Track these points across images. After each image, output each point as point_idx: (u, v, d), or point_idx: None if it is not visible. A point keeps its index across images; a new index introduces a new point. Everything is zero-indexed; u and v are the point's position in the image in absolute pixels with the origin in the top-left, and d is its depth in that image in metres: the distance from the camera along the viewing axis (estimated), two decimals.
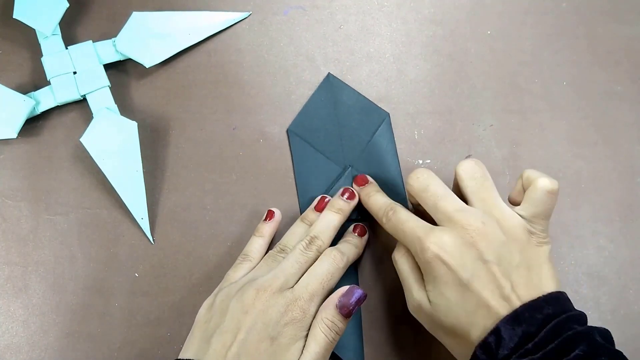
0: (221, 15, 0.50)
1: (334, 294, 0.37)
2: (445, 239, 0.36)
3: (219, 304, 0.37)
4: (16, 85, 0.48)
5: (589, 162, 0.48)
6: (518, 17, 0.51)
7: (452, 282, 0.35)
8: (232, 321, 0.36)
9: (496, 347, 0.33)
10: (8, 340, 0.43)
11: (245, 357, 0.34)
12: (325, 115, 0.48)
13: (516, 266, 0.35)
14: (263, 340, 0.35)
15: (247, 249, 0.43)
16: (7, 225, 0.45)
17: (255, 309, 0.36)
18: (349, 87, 0.48)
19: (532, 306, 0.33)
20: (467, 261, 0.35)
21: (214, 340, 0.35)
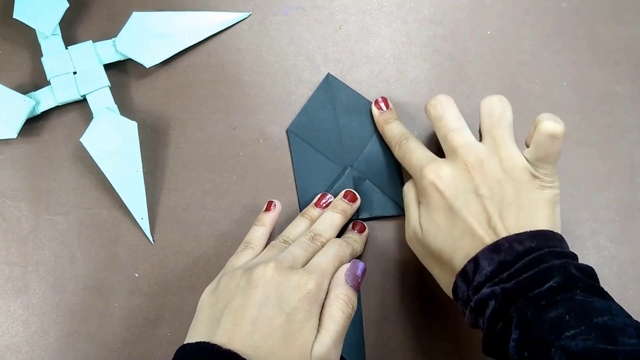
0: (221, 15, 0.50)
1: (339, 271, 0.37)
2: (444, 169, 0.38)
3: (224, 286, 0.36)
4: (16, 85, 0.48)
5: (589, 162, 0.48)
6: (518, 17, 0.51)
7: (443, 208, 0.37)
8: (242, 298, 0.34)
9: (473, 274, 0.34)
10: (8, 340, 0.43)
11: (260, 334, 0.33)
12: (325, 116, 0.48)
13: (508, 203, 0.36)
14: (277, 316, 0.33)
15: (249, 237, 0.42)
16: (7, 225, 0.45)
17: (266, 282, 0.34)
18: (348, 88, 0.48)
19: (515, 239, 0.34)
20: (460, 192, 0.37)
21: (223, 320, 0.33)
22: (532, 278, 0.32)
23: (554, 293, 0.31)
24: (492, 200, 0.36)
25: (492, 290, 0.33)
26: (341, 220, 0.42)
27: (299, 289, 0.34)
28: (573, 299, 0.31)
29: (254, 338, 0.32)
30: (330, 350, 0.34)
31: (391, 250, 0.45)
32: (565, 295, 0.31)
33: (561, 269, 0.32)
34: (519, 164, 0.37)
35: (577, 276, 0.32)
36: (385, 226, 0.46)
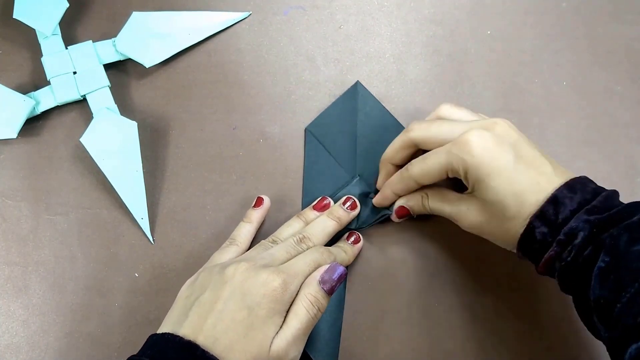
0: (221, 15, 0.50)
1: (315, 272, 0.38)
2: (476, 140, 0.37)
3: (200, 280, 0.37)
4: (16, 85, 0.48)
5: (589, 162, 0.48)
6: (518, 17, 0.51)
7: (497, 170, 0.36)
8: (211, 293, 0.36)
9: (555, 213, 0.34)
10: (8, 340, 0.43)
11: (222, 326, 0.34)
12: (345, 122, 0.47)
13: (542, 155, 0.38)
14: (240, 310, 0.34)
15: (235, 233, 0.43)
16: (7, 225, 0.45)
17: (234, 279, 0.35)
18: (374, 99, 0.48)
19: (580, 181, 0.36)
20: (506, 148, 0.37)
21: (191, 312, 0.35)
22: (621, 211, 0.34)
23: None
24: (534, 150, 0.38)
25: (587, 219, 0.34)
26: (334, 228, 0.42)
27: (264, 286, 0.35)
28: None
29: (216, 330, 0.34)
30: (290, 346, 0.35)
31: (391, 250, 0.45)
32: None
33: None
34: None
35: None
36: (385, 226, 0.46)
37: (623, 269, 0.31)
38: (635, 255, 0.31)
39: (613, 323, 0.31)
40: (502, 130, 0.38)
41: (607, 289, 0.31)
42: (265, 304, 0.35)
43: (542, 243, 0.35)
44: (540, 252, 0.36)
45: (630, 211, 0.33)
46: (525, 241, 0.36)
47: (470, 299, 0.44)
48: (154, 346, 0.34)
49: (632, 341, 0.29)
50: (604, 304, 0.31)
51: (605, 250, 0.32)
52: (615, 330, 0.30)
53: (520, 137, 0.38)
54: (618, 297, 0.30)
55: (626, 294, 0.30)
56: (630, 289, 0.30)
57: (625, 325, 0.30)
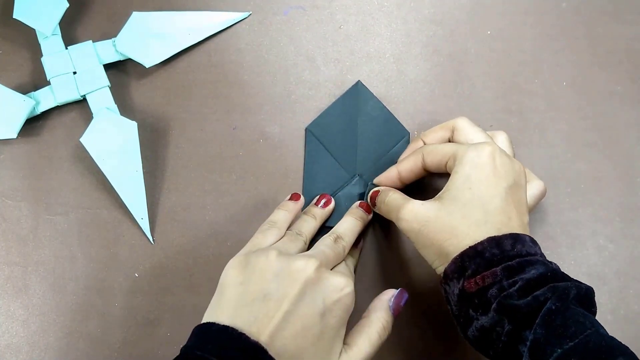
0: (221, 15, 0.50)
1: (383, 295, 0.38)
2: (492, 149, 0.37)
3: (256, 266, 0.34)
4: (16, 85, 0.48)
5: (589, 162, 0.48)
6: (518, 17, 0.51)
7: (488, 182, 0.36)
8: (279, 287, 0.33)
9: (512, 246, 0.34)
10: (8, 340, 0.43)
11: (291, 331, 0.32)
12: (345, 122, 0.47)
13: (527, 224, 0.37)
14: (313, 316, 0.32)
15: (274, 217, 0.41)
16: (7, 225, 0.45)
17: (306, 276, 0.33)
18: (375, 99, 0.48)
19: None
20: (508, 177, 0.36)
21: (256, 308, 0.32)
22: (571, 279, 0.34)
23: (586, 298, 0.33)
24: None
25: (544, 262, 0.33)
26: (360, 228, 0.42)
27: (338, 291, 0.34)
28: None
29: (284, 334, 0.31)
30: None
31: (391, 250, 0.45)
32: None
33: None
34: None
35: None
36: (385, 226, 0.46)
37: (570, 318, 0.30)
38: (580, 312, 0.31)
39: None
40: (518, 168, 0.38)
41: (552, 332, 0.30)
42: (337, 313, 0.33)
43: (488, 263, 0.33)
44: (479, 271, 0.33)
45: (579, 282, 0.33)
46: (470, 255, 0.34)
47: None
48: (216, 341, 0.31)
49: None
50: (543, 345, 0.30)
51: (557, 296, 0.31)
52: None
53: (525, 186, 0.38)
54: (561, 343, 0.29)
55: (570, 342, 0.29)
56: (575, 339, 0.29)
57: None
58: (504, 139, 0.42)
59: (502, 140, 0.41)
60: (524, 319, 0.31)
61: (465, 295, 0.34)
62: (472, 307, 0.33)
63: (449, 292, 0.35)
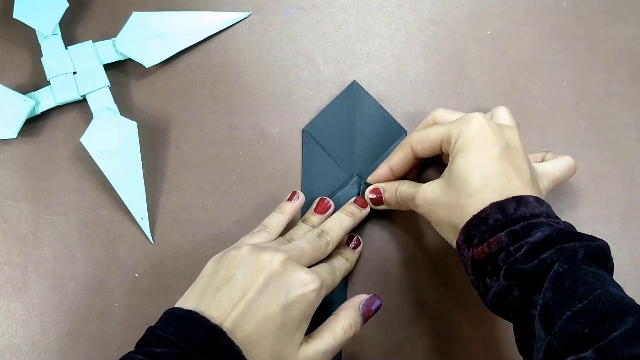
0: (221, 15, 0.50)
1: (355, 298, 0.38)
2: (480, 119, 0.37)
3: (230, 258, 0.35)
4: (16, 85, 0.48)
5: (588, 162, 0.48)
6: (518, 17, 0.51)
7: (480, 149, 0.36)
8: (244, 276, 0.34)
9: (515, 209, 0.34)
10: (8, 340, 0.43)
11: (251, 318, 0.33)
12: (342, 122, 0.47)
13: (530, 171, 0.38)
14: (274, 305, 0.33)
15: (267, 221, 0.41)
16: (7, 225, 0.45)
17: (272, 269, 0.34)
18: (371, 98, 0.48)
19: (549, 206, 0.35)
20: (500, 141, 0.37)
21: (219, 294, 0.33)
22: (582, 234, 0.33)
23: (599, 255, 0.32)
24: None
25: (548, 223, 0.33)
26: (350, 223, 0.42)
27: (303, 286, 0.34)
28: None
29: (245, 320, 0.33)
30: (318, 359, 0.34)
31: (391, 250, 0.45)
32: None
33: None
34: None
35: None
36: (386, 226, 0.46)
37: (579, 280, 0.30)
38: (590, 272, 0.31)
39: (557, 330, 0.29)
40: (509, 133, 0.38)
41: (561, 295, 0.30)
42: (300, 306, 0.34)
43: (493, 229, 0.34)
44: (485, 238, 0.34)
45: (590, 237, 0.33)
46: (474, 224, 0.35)
47: (472, 298, 0.44)
48: (177, 322, 0.32)
49: (572, 352, 0.28)
50: (552, 309, 0.30)
51: (565, 257, 0.31)
52: (558, 338, 0.29)
53: (520, 148, 0.38)
54: (570, 305, 0.29)
55: (579, 303, 0.29)
56: (584, 300, 0.29)
57: (570, 334, 0.29)
58: (504, 112, 0.42)
59: (503, 114, 0.42)
60: (532, 284, 0.31)
61: (476, 264, 0.34)
62: (487, 275, 0.34)
63: (466, 263, 0.36)
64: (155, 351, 0.30)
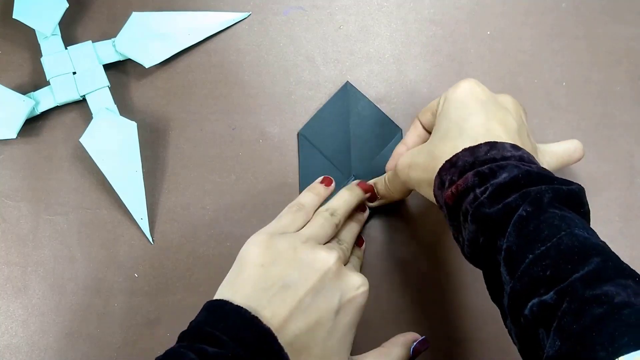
0: (221, 15, 0.50)
1: (408, 335, 0.38)
2: (470, 82, 0.37)
3: (280, 249, 0.34)
4: (16, 85, 0.48)
5: (588, 162, 0.48)
6: (518, 17, 0.51)
7: (464, 105, 0.35)
8: (300, 277, 0.32)
9: (486, 152, 0.32)
10: (8, 340, 0.43)
11: (304, 324, 0.31)
12: (337, 123, 0.47)
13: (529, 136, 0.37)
14: (328, 312, 0.32)
15: (303, 200, 0.39)
16: (7, 225, 0.45)
17: (327, 268, 0.33)
18: (365, 98, 0.48)
19: (530, 155, 0.34)
20: (489, 101, 0.36)
21: (272, 292, 0.32)
22: (553, 177, 0.32)
23: (569, 199, 0.31)
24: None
25: (516, 165, 0.31)
26: (358, 230, 0.42)
27: (354, 290, 0.33)
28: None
29: (297, 324, 0.31)
30: None
31: (391, 250, 0.45)
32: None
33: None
34: None
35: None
36: (386, 226, 0.46)
37: (543, 222, 0.29)
38: (556, 215, 0.29)
39: (520, 274, 0.28)
40: (504, 97, 0.37)
41: (524, 239, 0.29)
42: (350, 310, 0.33)
43: (461, 170, 0.32)
44: (454, 180, 0.33)
45: (562, 181, 0.31)
46: (446, 168, 0.33)
47: (474, 298, 0.44)
48: (227, 319, 0.30)
49: (535, 295, 0.27)
50: (516, 253, 0.29)
51: (530, 201, 0.30)
52: (520, 281, 0.28)
53: (513, 111, 0.36)
54: (532, 248, 0.28)
55: (542, 246, 0.28)
56: (546, 242, 0.28)
57: (533, 277, 0.28)
58: (571, 144, 0.41)
59: (567, 144, 0.41)
60: (497, 228, 0.30)
61: (449, 210, 0.33)
62: (462, 222, 0.33)
63: (445, 216, 0.34)
64: (206, 349, 0.29)
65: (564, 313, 0.26)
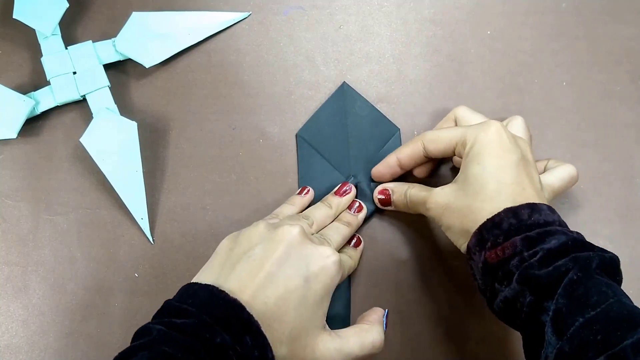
0: (221, 15, 0.50)
1: (377, 311, 0.39)
2: (498, 126, 0.38)
3: (246, 234, 0.35)
4: (16, 85, 0.48)
5: (588, 163, 0.48)
6: (518, 17, 0.51)
7: (497, 156, 0.36)
8: (263, 250, 0.33)
9: (529, 216, 0.34)
10: (8, 340, 0.43)
11: (272, 291, 0.32)
12: (335, 124, 0.47)
13: (542, 188, 0.38)
14: (296, 277, 0.33)
15: (279, 210, 0.42)
16: (7, 225, 0.45)
17: (291, 241, 0.34)
18: (362, 98, 0.48)
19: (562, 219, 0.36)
20: (517, 150, 0.37)
21: (238, 267, 0.33)
22: (595, 246, 0.33)
23: (611, 267, 0.33)
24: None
25: (562, 231, 0.33)
26: (348, 232, 0.42)
27: (323, 258, 0.34)
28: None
29: (266, 293, 0.32)
30: (333, 359, 0.34)
31: (391, 250, 0.45)
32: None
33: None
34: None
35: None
36: (385, 226, 0.46)
37: (592, 288, 0.31)
38: (603, 282, 0.31)
39: (569, 336, 0.29)
40: (523, 144, 0.38)
41: (574, 302, 0.30)
42: (321, 279, 0.33)
43: (507, 233, 0.34)
44: (499, 242, 0.34)
45: (604, 250, 0.33)
46: (487, 228, 0.35)
47: (474, 298, 0.44)
48: (197, 297, 0.31)
49: (584, 359, 0.28)
50: (565, 315, 0.30)
51: (579, 266, 0.31)
52: (570, 343, 0.29)
53: (532, 160, 0.38)
54: (583, 312, 0.30)
55: (592, 311, 0.30)
56: (597, 307, 0.30)
57: (583, 341, 0.29)
58: (520, 122, 0.42)
59: (518, 124, 0.42)
60: (546, 290, 0.32)
61: (488, 268, 0.34)
62: (497, 280, 0.34)
63: (474, 267, 0.36)
64: (174, 322, 0.30)
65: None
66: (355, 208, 0.44)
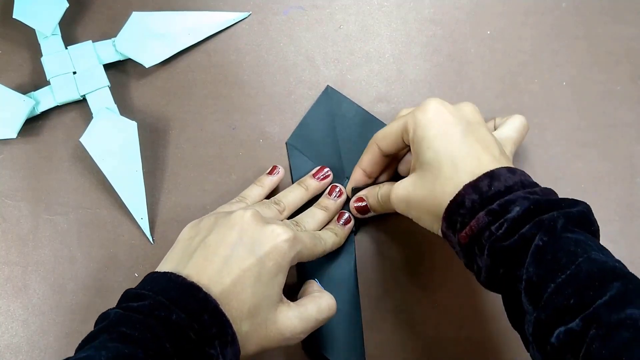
0: (221, 15, 0.50)
1: (316, 284, 0.40)
2: (434, 103, 0.38)
3: (204, 222, 0.37)
4: (16, 85, 0.48)
5: (588, 162, 0.48)
6: (518, 17, 0.51)
7: (443, 133, 0.36)
8: (217, 235, 0.35)
9: (489, 185, 0.33)
10: (8, 340, 0.43)
11: (227, 271, 0.33)
12: (324, 128, 0.47)
13: (496, 142, 0.37)
14: (248, 258, 0.34)
15: (245, 193, 0.43)
16: (7, 225, 0.45)
17: (243, 225, 0.35)
18: (347, 100, 0.48)
19: (523, 172, 0.35)
20: (460, 121, 0.37)
21: (195, 254, 0.34)
22: (560, 200, 0.33)
23: (580, 220, 0.32)
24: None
25: (525, 196, 0.32)
26: (324, 216, 0.43)
27: (273, 237, 0.35)
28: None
29: (222, 274, 0.33)
30: (295, 326, 0.35)
31: (390, 249, 0.45)
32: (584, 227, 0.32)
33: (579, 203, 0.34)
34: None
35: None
36: (385, 226, 0.46)
37: (560, 250, 0.30)
38: (571, 240, 0.30)
39: (543, 304, 0.29)
40: (467, 109, 0.38)
41: (543, 268, 0.30)
42: (273, 256, 0.34)
43: (471, 211, 0.33)
44: (466, 222, 0.34)
45: (570, 203, 0.33)
46: (453, 210, 0.34)
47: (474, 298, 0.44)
48: (155, 283, 0.33)
49: (561, 324, 0.28)
50: (537, 283, 0.30)
51: (544, 230, 0.31)
52: (545, 311, 0.29)
53: (481, 121, 0.38)
54: (553, 277, 0.29)
55: (562, 274, 0.29)
56: (566, 270, 0.29)
57: (557, 307, 0.29)
58: (513, 121, 0.42)
59: (510, 123, 0.42)
60: (516, 259, 0.32)
61: (464, 247, 0.34)
62: (477, 255, 0.34)
63: (455, 247, 0.36)
64: (131, 305, 0.31)
65: (592, 339, 0.27)
66: (336, 192, 0.44)
